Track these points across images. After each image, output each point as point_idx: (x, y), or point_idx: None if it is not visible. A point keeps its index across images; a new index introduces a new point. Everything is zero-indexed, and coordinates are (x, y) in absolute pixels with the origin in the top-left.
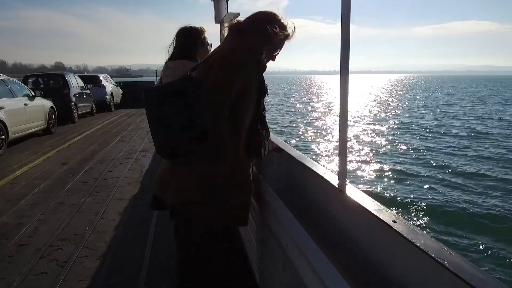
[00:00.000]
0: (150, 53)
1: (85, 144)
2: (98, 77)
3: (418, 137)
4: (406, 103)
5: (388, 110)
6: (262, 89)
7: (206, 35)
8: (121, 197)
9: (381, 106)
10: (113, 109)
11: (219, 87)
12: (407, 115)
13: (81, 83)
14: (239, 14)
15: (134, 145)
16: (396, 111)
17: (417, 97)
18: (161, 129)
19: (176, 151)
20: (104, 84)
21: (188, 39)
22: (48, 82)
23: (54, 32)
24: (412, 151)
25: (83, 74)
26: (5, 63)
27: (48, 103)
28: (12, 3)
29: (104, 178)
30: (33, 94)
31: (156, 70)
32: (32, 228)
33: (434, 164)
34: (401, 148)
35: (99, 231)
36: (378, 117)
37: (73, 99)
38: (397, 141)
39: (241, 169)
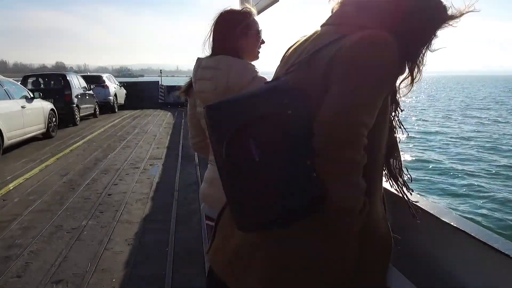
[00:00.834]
0: (151, 52)
1: (88, 150)
2: (101, 77)
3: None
4: None
5: None
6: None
7: (253, 18)
8: (129, 219)
9: None
10: (116, 110)
11: (356, 105)
12: None
13: (83, 84)
14: None
15: (141, 151)
16: None
17: None
18: (247, 186)
19: (271, 220)
20: (108, 85)
21: (227, 27)
22: (48, 82)
23: (55, 31)
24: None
25: (86, 74)
26: (5, 62)
27: (48, 105)
28: (13, 3)
29: (109, 194)
30: (32, 95)
31: (160, 70)
32: (22, 263)
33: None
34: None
35: (104, 269)
36: None
37: (75, 100)
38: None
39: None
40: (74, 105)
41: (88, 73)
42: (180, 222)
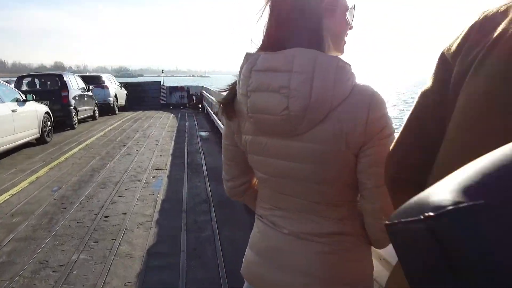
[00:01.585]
0: (151, 52)
1: (84, 158)
2: (100, 78)
3: None
4: None
5: None
6: None
7: None
8: (130, 252)
9: None
10: (117, 112)
11: None
12: None
13: (82, 84)
14: None
15: (143, 160)
16: None
17: None
18: None
19: None
20: (108, 85)
21: (307, 3)
22: (45, 83)
23: (54, 31)
24: None
25: (85, 74)
26: (4, 62)
27: (42, 108)
28: (12, 2)
29: (106, 216)
30: (24, 98)
31: (162, 70)
32: None
33: None
34: None
35: None
36: None
37: (73, 102)
38: None
39: None
40: (72, 107)
41: (87, 73)
42: (191, 256)
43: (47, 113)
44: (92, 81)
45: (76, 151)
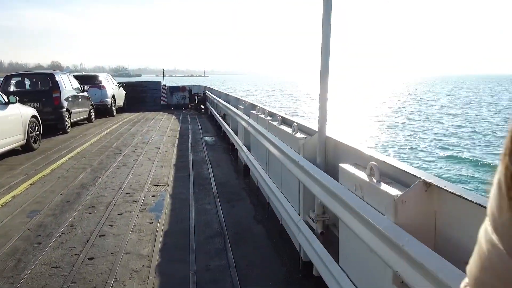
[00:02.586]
0: (149, 51)
1: (73, 169)
2: (97, 77)
3: None
4: None
5: None
6: None
7: None
8: None
9: None
10: (115, 113)
11: None
12: None
13: (76, 84)
14: None
15: (141, 172)
16: None
17: None
18: None
19: None
20: (105, 85)
21: None
22: (35, 83)
23: (51, 31)
24: None
25: (81, 73)
26: (0, 62)
27: (28, 111)
28: (9, 2)
29: (90, 258)
30: (7, 100)
31: (163, 69)
32: None
33: None
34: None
35: None
36: None
37: (65, 103)
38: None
39: None
40: (64, 109)
41: (84, 73)
42: None
43: (34, 116)
44: (89, 81)
45: (65, 161)
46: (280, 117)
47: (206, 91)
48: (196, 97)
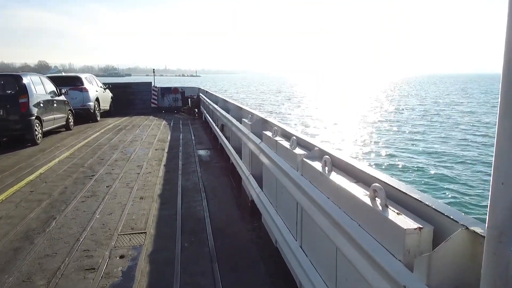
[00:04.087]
0: (139, 51)
1: (24, 204)
2: (79, 78)
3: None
4: None
5: None
6: None
7: None
8: None
9: None
10: (99, 118)
11: None
12: None
13: (51, 87)
14: None
15: (112, 208)
16: None
17: None
18: None
19: None
20: (87, 87)
21: None
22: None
23: (39, 30)
24: None
25: (60, 74)
26: None
27: None
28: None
29: None
30: None
31: (153, 69)
32: None
33: None
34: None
35: None
36: None
37: (35, 110)
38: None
39: None
40: (33, 117)
41: (63, 73)
42: None
43: None
44: (69, 82)
45: (20, 188)
46: (317, 148)
47: (201, 94)
48: (189, 100)
